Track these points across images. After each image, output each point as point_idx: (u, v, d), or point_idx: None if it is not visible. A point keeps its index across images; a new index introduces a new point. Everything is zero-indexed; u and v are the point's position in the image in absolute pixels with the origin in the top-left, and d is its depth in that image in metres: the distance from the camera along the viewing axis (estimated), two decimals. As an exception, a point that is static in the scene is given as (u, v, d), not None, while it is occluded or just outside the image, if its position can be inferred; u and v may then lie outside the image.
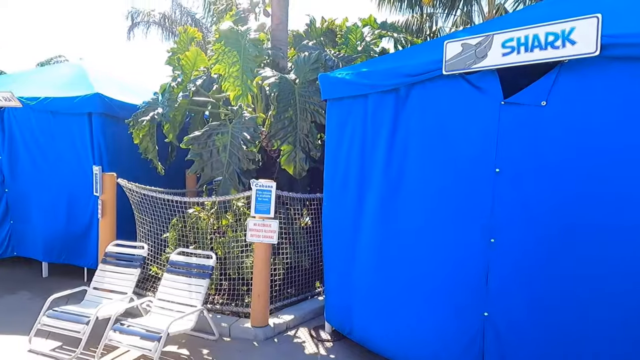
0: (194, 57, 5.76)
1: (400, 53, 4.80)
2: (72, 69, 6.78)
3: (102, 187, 4.90)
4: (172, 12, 14.39)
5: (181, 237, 5.03)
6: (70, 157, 5.68)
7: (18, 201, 6.00)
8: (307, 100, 4.88)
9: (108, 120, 5.67)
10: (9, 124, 5.90)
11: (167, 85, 5.54)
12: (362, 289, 3.56)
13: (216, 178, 4.81)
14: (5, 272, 6.07)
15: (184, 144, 4.80)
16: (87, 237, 5.65)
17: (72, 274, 5.80)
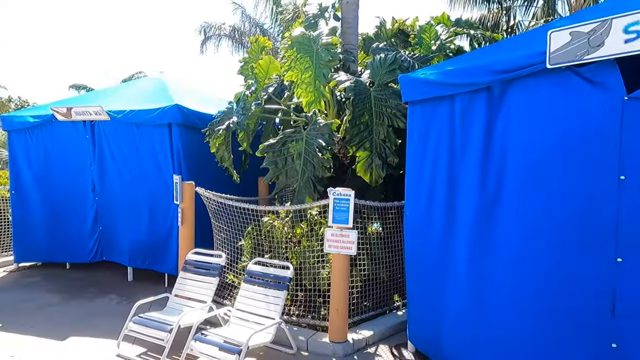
0: (266, 65, 5.77)
1: (488, 49, 4.41)
2: (153, 82, 7.13)
3: (182, 196, 5.01)
4: (241, 24, 14.88)
5: (256, 245, 5.00)
6: (152, 167, 5.93)
7: (106, 209, 6.38)
8: (384, 103, 4.65)
9: (186, 130, 5.84)
10: (99, 137, 6.29)
11: (242, 94, 5.59)
12: (455, 310, 3.24)
13: (291, 186, 4.72)
14: (98, 275, 6.46)
15: (259, 152, 4.78)
16: (167, 244, 5.85)
17: (154, 278, 6.03)
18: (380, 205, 4.54)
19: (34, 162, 6.65)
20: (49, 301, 5.40)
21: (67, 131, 6.41)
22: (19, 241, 6.75)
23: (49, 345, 4.19)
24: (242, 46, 15.10)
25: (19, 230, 6.72)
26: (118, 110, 6.01)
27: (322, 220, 4.80)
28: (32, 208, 6.66)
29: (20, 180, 6.72)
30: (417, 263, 3.62)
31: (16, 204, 6.73)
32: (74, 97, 7.18)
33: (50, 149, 6.56)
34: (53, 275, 6.46)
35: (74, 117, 6.18)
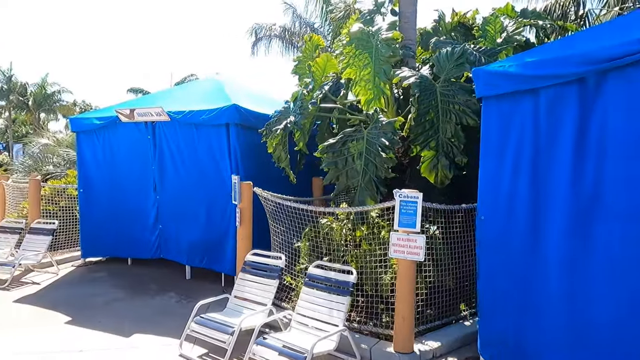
0: (323, 63, 5.64)
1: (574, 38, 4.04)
2: (209, 83, 7.22)
3: (240, 196, 4.99)
4: (291, 24, 14.91)
5: (314, 247, 4.89)
6: (210, 167, 5.97)
7: (166, 208, 6.52)
8: (451, 100, 4.37)
9: (243, 130, 5.84)
10: (160, 137, 6.44)
11: (299, 93, 5.49)
12: (547, 329, 2.93)
13: (351, 187, 4.56)
14: (157, 272, 6.62)
15: (318, 152, 4.65)
16: (224, 244, 5.87)
17: (211, 277, 6.08)
18: (446, 208, 4.27)
19: (100, 162, 6.92)
20: (114, 296, 5.57)
21: (130, 132, 6.61)
22: (86, 237, 7.05)
23: (116, 342, 4.28)
24: (292, 46, 15.14)
25: (86, 227, 7.03)
26: (177, 110, 6.11)
27: (383, 223, 4.61)
28: (99, 206, 6.94)
29: (87, 180, 7.02)
30: (494, 271, 3.33)
31: (84, 202, 7.04)
32: (136, 99, 7.43)
33: (115, 149, 6.81)
34: (116, 271, 6.69)
35: (137, 118, 6.36)
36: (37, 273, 6.58)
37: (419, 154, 4.45)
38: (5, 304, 5.28)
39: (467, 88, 4.40)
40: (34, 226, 6.77)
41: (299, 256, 5.13)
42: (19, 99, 37.76)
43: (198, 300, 5.35)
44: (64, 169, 12.44)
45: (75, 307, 5.16)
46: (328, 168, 4.61)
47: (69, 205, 8.08)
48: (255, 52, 15.56)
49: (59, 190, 8.13)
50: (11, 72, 37.67)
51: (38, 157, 12.87)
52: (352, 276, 3.77)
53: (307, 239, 5.08)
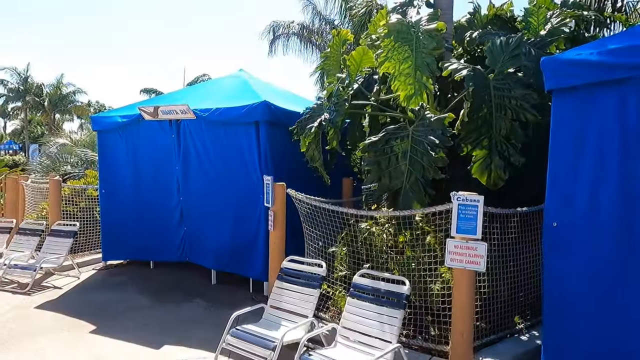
0: (359, 56, 5.33)
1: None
2: (235, 80, 6.94)
3: (273, 198, 4.69)
4: (310, 21, 14.62)
5: (352, 253, 4.57)
6: (238, 167, 5.69)
7: (190, 209, 6.25)
8: (506, 94, 4.01)
9: (273, 129, 5.54)
10: (184, 136, 6.17)
11: (334, 88, 5.17)
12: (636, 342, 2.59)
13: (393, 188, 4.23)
14: (181, 276, 6.36)
15: (359, 151, 4.36)
16: (253, 248, 5.58)
17: (238, 282, 5.80)
18: (502, 212, 3.92)
19: (122, 161, 6.68)
20: (139, 303, 5.31)
21: (153, 130, 6.36)
22: (107, 240, 6.82)
23: (146, 355, 4.01)
24: (310, 45, 14.83)
25: (108, 229, 6.80)
26: (204, 108, 5.84)
27: (427, 228, 4.27)
28: (120, 207, 6.71)
29: (109, 180, 6.79)
30: (569, 283, 2.97)
31: (105, 203, 6.81)
32: (159, 96, 7.16)
33: (138, 148, 6.56)
34: (139, 275, 6.44)
35: (161, 116, 6.11)
36: (58, 276, 6.37)
37: (470, 153, 4.10)
38: (26, 310, 5.05)
39: (524, 81, 4.04)
40: (54, 228, 6.56)
41: (334, 262, 4.83)
42: (35, 100, 38.12)
43: (227, 308, 5.10)
44: (81, 169, 12.31)
45: (99, 315, 4.91)
46: (369, 168, 4.29)
47: (89, 206, 7.88)
48: (274, 50, 15.30)
49: (79, 191, 7.93)
50: (27, 73, 38.04)
51: (56, 157, 12.77)
52: (405, 287, 3.43)
53: (344, 244, 4.78)
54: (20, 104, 39.12)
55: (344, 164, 6.60)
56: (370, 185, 7.60)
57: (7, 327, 4.55)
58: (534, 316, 4.23)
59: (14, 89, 37.57)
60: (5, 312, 4.99)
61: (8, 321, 4.70)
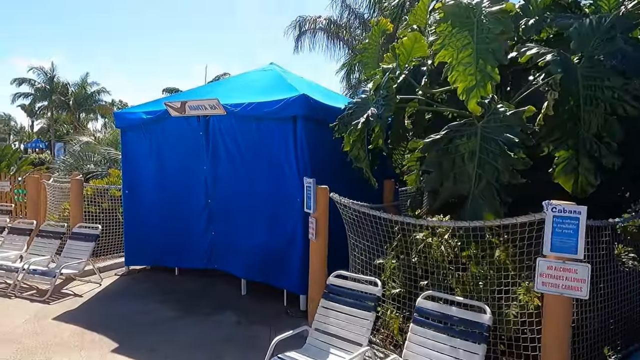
0: (410, 44, 4.75)
1: None
2: (267, 74, 6.43)
3: (316, 203, 4.15)
4: (338, 15, 14.05)
5: (406, 267, 3.99)
6: (272, 167, 5.17)
7: (219, 213, 5.77)
8: (598, 83, 3.37)
9: (311, 125, 5.00)
10: (213, 133, 5.70)
11: (383, 80, 4.60)
12: None
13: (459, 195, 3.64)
14: (208, 284, 5.90)
15: (419, 151, 3.76)
16: (288, 257, 5.05)
17: (270, 293, 5.28)
18: (593, 224, 3.29)
19: (146, 160, 6.27)
20: (164, 315, 4.85)
21: (180, 127, 5.91)
22: (130, 244, 6.42)
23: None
24: (338, 40, 14.27)
25: (131, 233, 6.39)
26: (235, 103, 5.34)
27: (495, 240, 3.67)
28: (144, 209, 6.29)
29: (133, 180, 6.38)
30: None
31: (128, 205, 6.41)
32: (186, 91, 6.70)
33: (163, 146, 6.13)
34: (163, 283, 6.00)
35: (188, 112, 5.64)
36: (78, 282, 5.98)
37: (551, 154, 3.48)
38: (44, 321, 4.64)
39: (620, 69, 3.39)
40: (75, 231, 6.17)
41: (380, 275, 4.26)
42: (60, 99, 38.66)
43: (260, 323, 4.60)
44: (105, 168, 12.05)
45: (121, 328, 4.46)
46: (430, 170, 3.71)
47: (111, 207, 7.51)
48: (300, 47, 14.79)
49: (101, 191, 7.57)
50: (53, 72, 38.61)
51: (79, 155, 12.55)
52: (485, 316, 2.84)
53: (394, 257, 4.20)
54: (46, 103, 39.76)
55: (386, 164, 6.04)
56: (408, 188, 7.03)
57: (21, 342, 4.13)
58: (626, 345, 3.58)
59: (40, 89, 38.18)
60: (22, 323, 4.59)
61: (24, 335, 4.28)
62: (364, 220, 4.15)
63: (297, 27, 14.76)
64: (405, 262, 4.06)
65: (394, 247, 4.21)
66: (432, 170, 3.69)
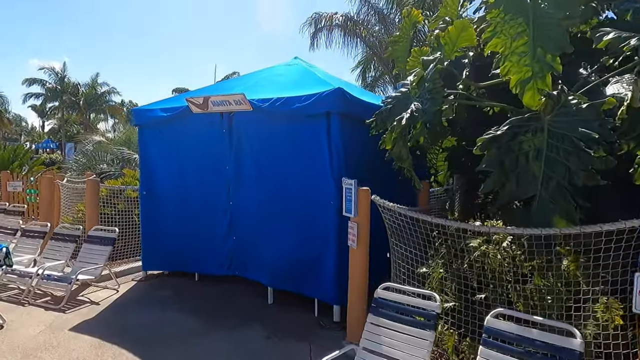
0: (456, 32, 4.35)
1: None
2: (292, 68, 6.08)
3: (357, 206, 3.77)
4: (356, 12, 13.66)
5: (457, 278, 3.61)
6: (303, 167, 4.81)
7: (242, 216, 5.42)
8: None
9: (346, 122, 4.63)
10: (237, 131, 5.35)
11: (428, 72, 4.21)
12: None
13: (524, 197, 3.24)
14: (231, 292, 5.55)
15: (477, 148, 3.36)
16: (320, 264, 4.69)
17: (298, 302, 4.94)
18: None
19: (165, 160, 5.94)
20: (188, 327, 4.50)
21: (201, 125, 5.57)
22: (148, 248, 6.10)
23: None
24: (355, 37, 13.87)
25: (149, 236, 6.07)
26: (262, 98, 4.99)
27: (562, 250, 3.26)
28: (163, 211, 5.97)
29: (151, 181, 6.05)
30: None
31: (146, 207, 6.08)
32: (207, 86, 6.34)
33: (183, 145, 5.79)
34: (184, 290, 5.66)
35: (211, 108, 5.30)
36: (94, 288, 5.66)
37: (633, 152, 3.07)
38: (59, 333, 4.31)
39: None
40: (92, 234, 5.86)
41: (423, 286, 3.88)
42: (71, 99, 38.70)
43: (293, 338, 4.23)
44: (118, 168, 11.79)
45: (142, 341, 4.13)
46: (490, 169, 3.31)
47: (127, 209, 7.20)
48: (315, 44, 14.41)
49: (117, 192, 7.26)
50: (64, 73, 38.68)
51: (92, 155, 12.30)
52: (576, 341, 2.44)
53: (442, 265, 3.82)
54: (57, 103, 39.84)
55: (421, 164, 5.67)
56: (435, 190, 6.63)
57: (37, 356, 3.80)
58: None
59: (51, 89, 38.24)
60: (37, 334, 4.27)
61: (38, 348, 3.96)
62: (410, 225, 3.76)
63: (312, 24, 14.39)
64: (456, 271, 3.68)
65: (442, 256, 3.83)
66: (493, 170, 3.29)
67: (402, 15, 6.12)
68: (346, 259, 4.30)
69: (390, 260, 4.04)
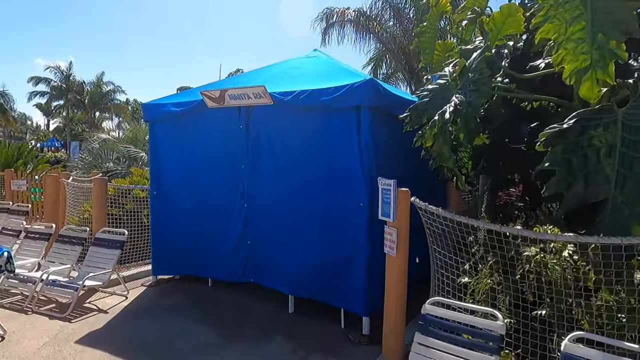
0: (503, 18, 3.94)
1: None
2: (313, 60, 5.71)
3: (396, 210, 3.38)
4: (369, 7, 13.24)
5: (511, 290, 3.21)
6: (329, 165, 4.42)
7: (257, 218, 5.03)
8: None
9: (377, 117, 4.24)
10: (256, 126, 4.97)
11: (473, 61, 3.81)
12: None
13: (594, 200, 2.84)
14: (247, 299, 5.17)
15: (541, 144, 2.96)
16: (348, 272, 4.30)
17: (321, 311, 4.56)
18: None
19: (177, 158, 5.57)
20: (204, 339, 4.13)
21: (216, 120, 5.20)
22: (158, 250, 5.73)
23: None
24: (368, 33, 13.47)
25: (159, 238, 5.70)
26: (284, 91, 4.61)
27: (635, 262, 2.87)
28: (174, 212, 5.60)
29: (161, 180, 5.69)
30: None
31: (156, 207, 5.72)
32: (219, 81, 5.96)
33: (196, 142, 5.42)
34: (197, 297, 5.29)
35: (228, 102, 4.93)
36: (102, 294, 5.30)
37: None
38: (66, 345, 3.95)
39: None
40: (99, 237, 5.49)
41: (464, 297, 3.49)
42: (76, 98, 38.53)
43: (320, 352, 3.86)
44: (124, 166, 11.45)
45: (157, 356, 3.76)
46: (554, 169, 2.91)
47: (135, 209, 6.83)
48: (327, 40, 14.02)
49: (124, 191, 6.90)
50: (70, 71, 38.51)
51: (98, 153, 11.97)
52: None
53: (491, 275, 3.43)
54: (62, 102, 39.68)
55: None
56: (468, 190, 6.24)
57: (40, 374, 3.45)
58: None
59: (57, 87, 38.07)
60: (40, 347, 3.91)
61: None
62: (454, 231, 3.36)
63: (324, 20, 14.00)
64: (511, 284, 3.28)
65: (491, 265, 3.43)
66: (558, 170, 2.89)
67: (430, 4, 5.71)
68: (377, 267, 3.93)
69: (431, 270, 3.64)
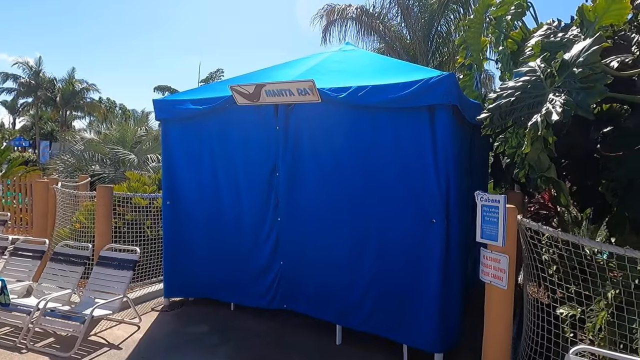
0: (606, 5, 3.42)
1: None
2: (350, 54, 5.06)
3: (505, 231, 2.78)
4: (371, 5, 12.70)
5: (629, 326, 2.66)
6: (389, 175, 3.78)
7: (293, 235, 4.34)
8: None
9: (454, 119, 3.64)
10: (296, 128, 4.28)
11: (575, 54, 3.24)
12: None
13: None
14: (280, 326, 4.48)
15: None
16: (413, 300, 3.68)
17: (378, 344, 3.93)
18: None
19: (196, 163, 4.83)
20: (248, 385, 3.43)
21: (246, 120, 4.50)
22: (171, 269, 4.97)
23: None
24: (372, 31, 12.91)
25: (172, 255, 4.95)
26: (335, 87, 3.95)
27: None
28: (191, 226, 4.87)
29: (176, 188, 4.93)
30: None
31: (170, 220, 4.95)
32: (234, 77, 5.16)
33: (219, 145, 4.71)
34: (221, 325, 4.56)
35: (264, 99, 4.23)
36: (110, 323, 4.51)
37: None
38: (78, 398, 3.17)
39: None
40: (105, 255, 4.68)
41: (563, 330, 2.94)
42: (47, 95, 36.57)
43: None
44: (112, 170, 10.50)
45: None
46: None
47: (137, 220, 6.02)
48: (328, 39, 13.39)
49: (122, 199, 6.07)
50: (39, 67, 36.57)
51: (82, 155, 10.94)
52: None
53: (606, 306, 2.88)
54: (30, 99, 37.64)
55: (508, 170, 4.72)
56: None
57: None
58: None
59: (25, 84, 36.01)
60: (45, 401, 3.11)
61: None
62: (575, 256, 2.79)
63: (324, 17, 13.37)
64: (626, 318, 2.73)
65: (603, 293, 2.89)
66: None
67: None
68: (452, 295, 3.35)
69: (524, 303, 3.05)
